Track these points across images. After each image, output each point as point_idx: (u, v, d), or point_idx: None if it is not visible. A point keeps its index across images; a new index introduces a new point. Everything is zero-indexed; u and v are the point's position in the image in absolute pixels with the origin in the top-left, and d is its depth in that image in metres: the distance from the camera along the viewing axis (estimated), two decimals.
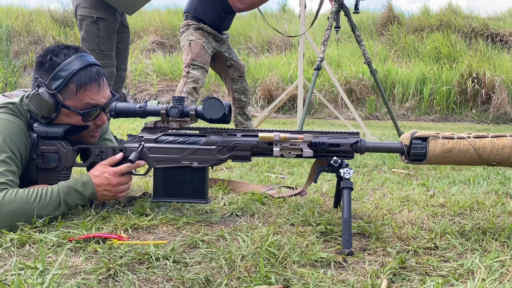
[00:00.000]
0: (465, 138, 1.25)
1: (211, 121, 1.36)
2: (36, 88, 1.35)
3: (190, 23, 3.16)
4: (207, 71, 3.16)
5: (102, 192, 1.36)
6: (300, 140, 1.32)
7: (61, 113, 1.40)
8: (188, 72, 3.07)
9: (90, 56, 1.45)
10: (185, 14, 3.24)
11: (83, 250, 1.08)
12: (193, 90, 3.06)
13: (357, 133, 1.33)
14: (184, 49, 3.15)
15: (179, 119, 1.39)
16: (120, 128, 4.47)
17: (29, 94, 1.37)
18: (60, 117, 1.41)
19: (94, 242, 1.13)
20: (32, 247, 1.10)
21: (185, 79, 3.07)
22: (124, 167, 1.39)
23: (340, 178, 1.30)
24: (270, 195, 1.71)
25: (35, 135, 1.40)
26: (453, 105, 7.57)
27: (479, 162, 1.27)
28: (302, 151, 1.32)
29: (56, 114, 1.39)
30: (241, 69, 3.40)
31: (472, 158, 1.25)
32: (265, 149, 1.35)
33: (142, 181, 1.99)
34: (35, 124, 1.40)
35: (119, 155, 1.41)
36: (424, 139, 1.26)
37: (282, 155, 1.34)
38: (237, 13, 3.34)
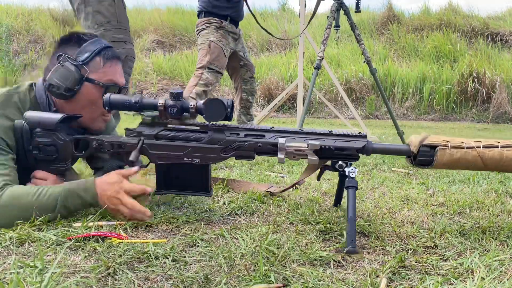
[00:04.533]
0: (474, 148, 1.24)
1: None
2: (61, 62, 1.39)
3: (211, 20, 3.11)
4: (222, 75, 3.15)
5: (106, 202, 1.30)
6: (306, 146, 1.29)
7: (83, 88, 1.41)
8: (202, 73, 3.04)
9: None
10: (203, 12, 3.18)
11: (82, 249, 1.08)
12: (203, 93, 3.04)
13: (365, 136, 1.30)
14: (202, 47, 3.10)
15: (178, 116, 1.36)
16: (120, 128, 4.46)
17: (52, 69, 1.38)
18: (80, 93, 1.42)
19: (93, 241, 1.12)
20: (31, 246, 1.10)
21: (197, 80, 3.03)
22: (138, 188, 1.32)
23: (343, 177, 1.29)
24: (271, 193, 1.71)
25: (27, 126, 1.36)
26: (453, 105, 7.57)
27: (483, 169, 1.27)
28: (307, 157, 1.29)
29: (79, 88, 1.40)
30: (252, 70, 3.40)
31: (478, 167, 1.26)
32: (269, 150, 1.32)
33: (142, 181, 1.98)
34: (26, 114, 1.35)
35: (135, 169, 1.36)
36: (433, 147, 1.25)
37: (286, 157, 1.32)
38: None
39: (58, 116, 1.37)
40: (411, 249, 1.15)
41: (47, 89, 1.41)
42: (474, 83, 7.45)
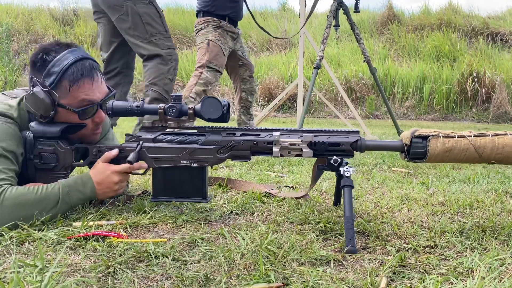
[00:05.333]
0: (465, 137, 1.25)
1: (209, 120, 1.35)
2: (32, 88, 1.34)
3: (210, 20, 3.11)
4: (221, 74, 3.15)
5: (104, 190, 1.37)
6: (300, 140, 1.31)
7: (59, 112, 1.38)
8: (201, 72, 3.04)
9: (83, 51, 1.43)
10: (201, 12, 3.19)
11: (83, 248, 1.08)
12: (203, 93, 3.03)
13: (357, 132, 1.33)
14: (201, 47, 3.10)
15: (177, 118, 1.38)
16: (120, 127, 4.46)
17: (25, 96, 1.36)
18: (59, 115, 1.39)
19: (94, 240, 1.13)
20: (32, 245, 1.10)
21: (196, 79, 3.03)
22: (125, 167, 1.38)
23: (340, 177, 1.30)
24: (272, 195, 1.71)
25: (32, 135, 1.38)
26: (453, 104, 7.57)
27: (479, 161, 1.27)
28: (301, 151, 1.32)
29: (54, 113, 1.37)
30: (251, 69, 3.39)
31: (472, 157, 1.25)
32: (264, 148, 1.35)
33: (142, 180, 1.99)
34: (32, 124, 1.38)
35: (115, 151, 1.40)
36: (425, 137, 1.26)
37: (281, 155, 1.33)
38: None
39: (61, 125, 1.39)
40: (411, 249, 1.15)
41: (28, 113, 1.39)
42: (474, 83, 7.45)
